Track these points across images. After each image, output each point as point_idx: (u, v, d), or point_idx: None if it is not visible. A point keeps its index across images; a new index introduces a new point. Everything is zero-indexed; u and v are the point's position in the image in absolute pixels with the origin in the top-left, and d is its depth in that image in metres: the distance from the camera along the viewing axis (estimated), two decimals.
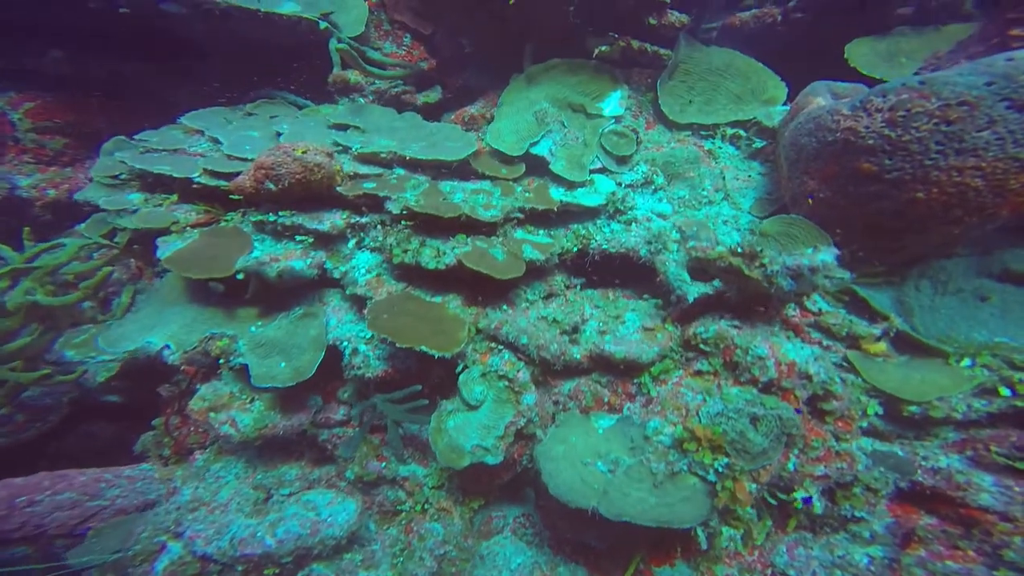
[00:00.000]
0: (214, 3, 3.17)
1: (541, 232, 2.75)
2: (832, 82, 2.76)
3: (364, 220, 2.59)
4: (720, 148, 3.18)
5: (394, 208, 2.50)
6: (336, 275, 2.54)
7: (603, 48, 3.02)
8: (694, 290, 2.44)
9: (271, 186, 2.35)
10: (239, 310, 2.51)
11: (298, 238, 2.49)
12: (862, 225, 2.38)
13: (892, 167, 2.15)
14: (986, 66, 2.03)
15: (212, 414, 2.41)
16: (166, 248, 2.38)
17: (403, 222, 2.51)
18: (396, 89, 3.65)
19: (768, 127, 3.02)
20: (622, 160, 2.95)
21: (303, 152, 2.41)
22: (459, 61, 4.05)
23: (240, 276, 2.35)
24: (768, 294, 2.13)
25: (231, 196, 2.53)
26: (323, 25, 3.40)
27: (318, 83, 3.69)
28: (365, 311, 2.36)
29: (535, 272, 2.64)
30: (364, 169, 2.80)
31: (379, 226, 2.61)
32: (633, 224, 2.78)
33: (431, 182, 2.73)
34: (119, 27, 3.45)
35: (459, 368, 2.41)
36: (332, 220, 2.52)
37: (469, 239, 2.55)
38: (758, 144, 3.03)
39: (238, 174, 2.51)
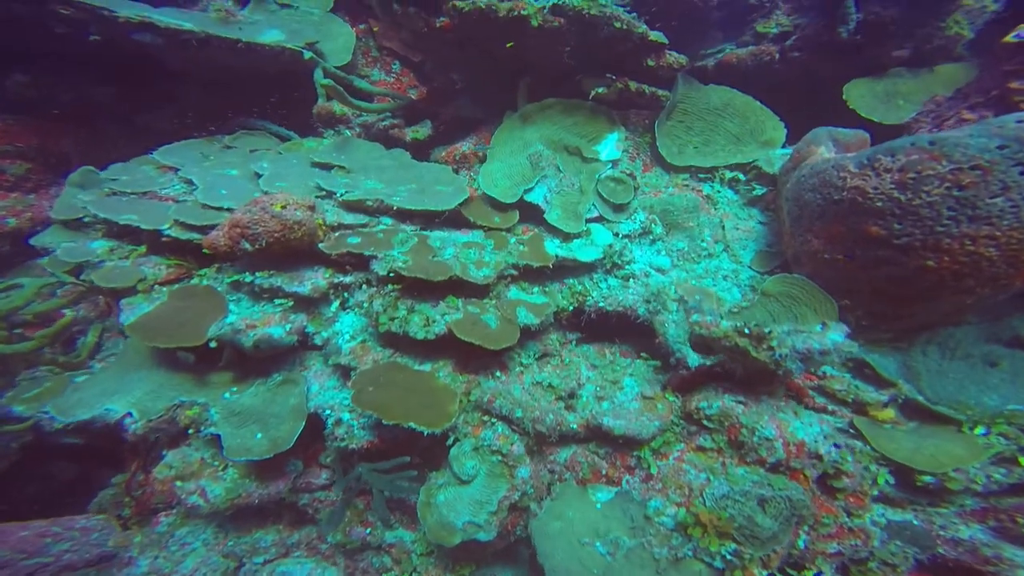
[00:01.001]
0: (192, 33, 2.97)
1: (536, 290, 2.62)
2: (833, 128, 2.69)
3: (348, 280, 2.43)
4: (719, 192, 3.09)
5: (380, 269, 2.35)
6: (318, 341, 2.38)
7: (600, 90, 2.90)
8: (696, 355, 2.33)
9: (247, 246, 2.18)
10: (212, 375, 2.33)
11: (277, 301, 2.32)
12: (869, 290, 2.30)
13: (901, 232, 2.07)
14: (997, 128, 1.95)
15: (179, 483, 2.23)
16: (131, 312, 2.19)
17: (390, 285, 2.36)
18: (384, 123, 3.49)
19: (768, 173, 2.93)
20: (619, 208, 2.84)
21: (282, 207, 2.24)
22: (451, 89, 3.90)
23: (213, 344, 2.17)
24: (774, 373, 2.03)
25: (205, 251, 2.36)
26: (307, 55, 3.22)
27: (304, 112, 3.51)
28: (349, 383, 2.21)
29: (530, 333, 2.51)
30: (349, 218, 2.63)
31: (364, 285, 2.45)
32: (631, 280, 2.67)
33: (420, 235, 2.57)
34: (90, 51, 3.24)
35: (450, 440, 2.26)
36: (314, 281, 2.36)
37: (460, 302, 2.41)
38: (758, 191, 2.94)
39: (212, 227, 2.33)
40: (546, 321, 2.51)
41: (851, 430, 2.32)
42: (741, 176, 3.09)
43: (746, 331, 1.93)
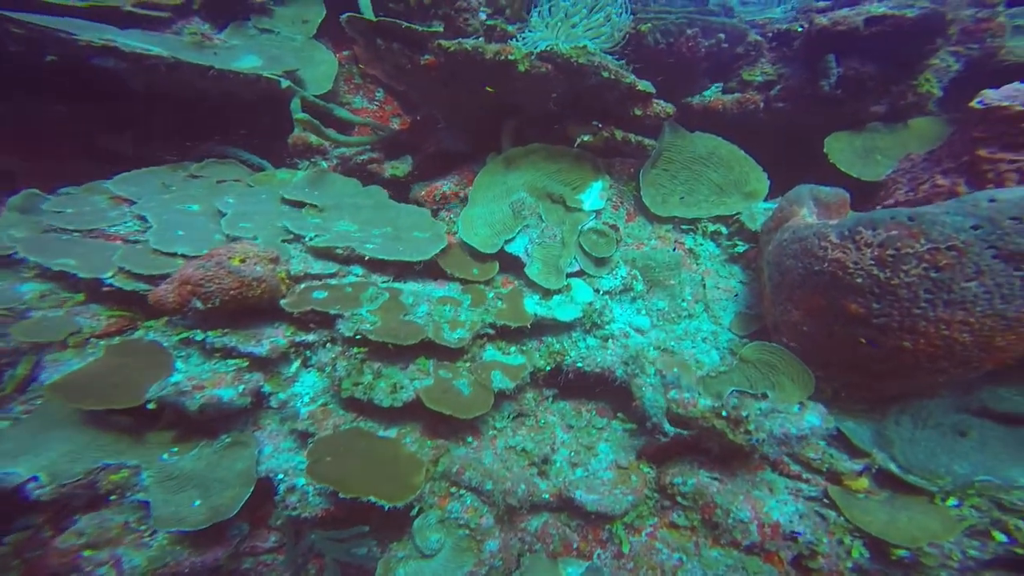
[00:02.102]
0: (160, 58, 2.80)
1: (513, 349, 2.52)
2: (815, 187, 2.67)
3: (311, 338, 2.29)
4: (701, 246, 3.06)
5: (346, 330, 2.22)
6: (274, 403, 2.23)
7: (586, 138, 2.84)
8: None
9: (198, 304, 2.03)
10: (150, 435, 2.14)
11: (231, 361, 2.16)
12: (846, 364, 2.28)
13: (880, 312, 2.05)
14: (971, 206, 1.94)
15: (87, 552, 1.93)
16: (56, 370, 1.99)
17: (356, 348, 2.23)
18: (363, 156, 3.36)
19: (750, 230, 2.91)
20: (601, 262, 2.77)
21: (240, 261, 2.10)
22: (434, 121, 3.80)
23: (151, 406, 2.00)
24: (750, 453, 1.98)
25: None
26: (285, 84, 3.08)
27: (281, 138, 3.36)
28: (306, 451, 2.07)
29: (505, 394, 2.41)
30: (317, 266, 2.50)
31: (329, 344, 2.32)
32: (610, 341, 2.60)
33: (392, 289, 2.46)
34: (46, 69, 3.03)
35: (415, 511, 2.15)
36: (273, 340, 2.21)
37: (432, 364, 2.30)
38: (740, 248, 2.91)
39: (163, 277, 2.17)
40: (522, 383, 2.42)
41: (825, 499, 2.29)
42: (723, 229, 3.06)
43: (723, 414, 1.88)
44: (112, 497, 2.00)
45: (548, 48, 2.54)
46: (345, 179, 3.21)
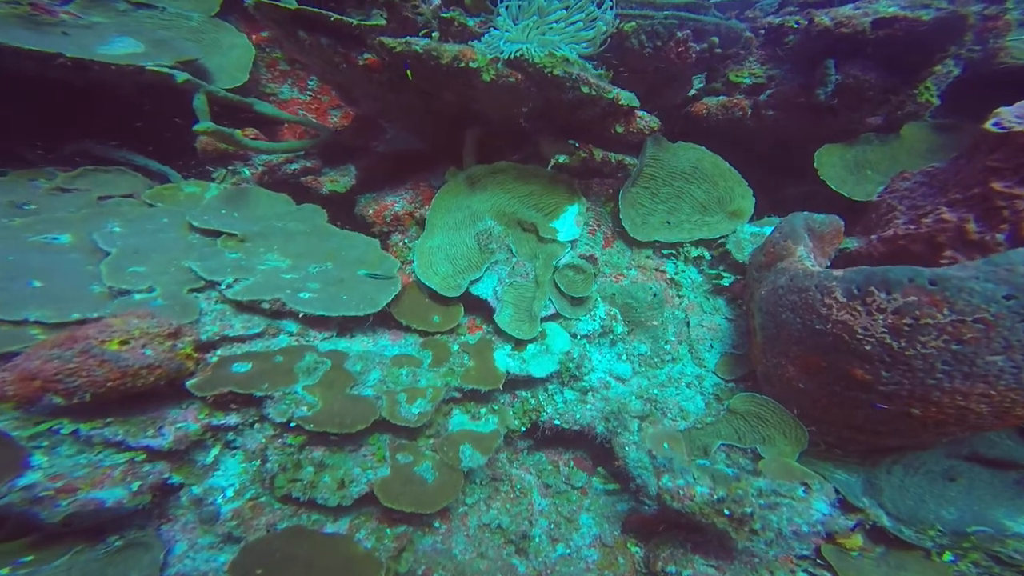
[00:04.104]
0: None
1: (483, 411, 2.20)
2: (809, 216, 2.46)
3: (234, 420, 1.85)
4: (682, 273, 2.81)
5: (277, 416, 1.80)
6: (185, 500, 1.80)
7: (561, 159, 2.44)
8: (654, 483, 2.08)
9: (58, 401, 1.53)
10: None
11: (120, 456, 1.69)
12: (843, 423, 2.15)
13: (889, 380, 1.88)
14: (1006, 271, 1.73)
15: None
16: None
17: (292, 437, 1.82)
18: (294, 166, 2.78)
19: (737, 261, 2.68)
20: (578, 301, 2.46)
21: (122, 344, 1.60)
22: (382, 113, 3.22)
23: None
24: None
25: None
26: (182, 78, 2.41)
27: (188, 134, 2.70)
28: (228, 564, 1.69)
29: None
30: (237, 324, 2.01)
31: (257, 424, 1.89)
32: (589, 394, 2.34)
33: (334, 354, 2.03)
34: None
35: None
36: (180, 426, 1.76)
37: (387, 444, 1.94)
38: (726, 280, 2.69)
39: (8, 357, 1.62)
40: (496, 450, 2.12)
41: (819, 560, 2.21)
42: (706, 254, 2.82)
43: (725, 512, 1.67)
44: None
45: (518, 54, 2.07)
46: (273, 195, 2.64)
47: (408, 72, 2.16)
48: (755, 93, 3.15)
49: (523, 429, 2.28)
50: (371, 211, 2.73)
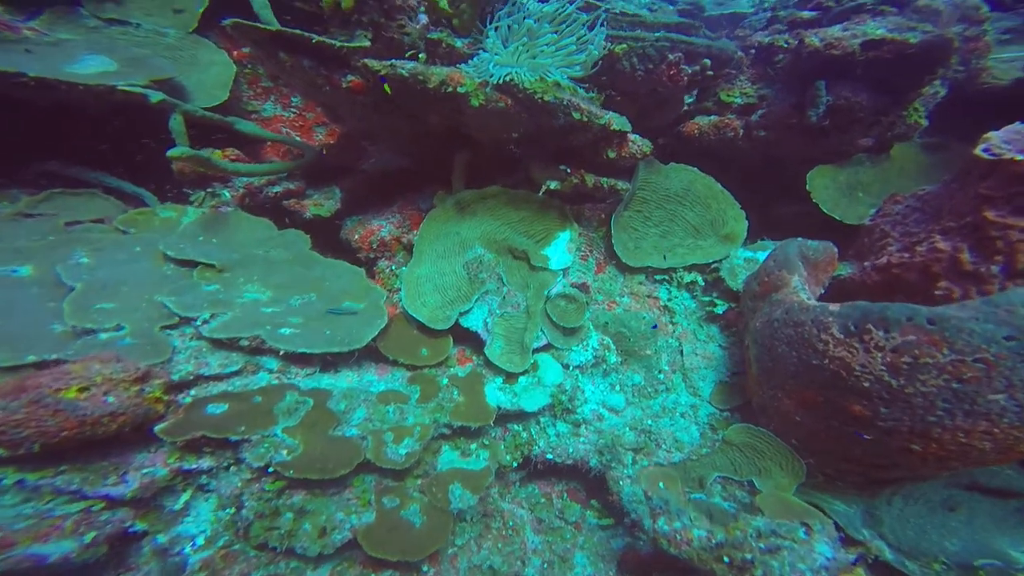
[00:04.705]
0: None
1: (473, 446, 2.13)
2: (803, 243, 2.43)
3: (207, 464, 1.75)
4: (675, 299, 2.76)
5: (254, 461, 1.71)
6: (148, 550, 1.69)
7: (552, 185, 2.38)
8: (650, 524, 2.02)
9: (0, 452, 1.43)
10: None
11: (74, 505, 1.58)
12: (841, 456, 2.11)
13: (888, 416, 1.85)
14: (1006, 312, 1.71)
15: None
16: None
17: (268, 485, 1.73)
18: (277, 188, 2.68)
19: (731, 288, 2.64)
20: (570, 331, 2.40)
21: (80, 391, 1.49)
22: (368, 132, 3.14)
23: None
24: None
25: None
26: (156, 98, 2.30)
27: (163, 155, 2.58)
28: None
29: None
30: (213, 362, 1.91)
31: (232, 467, 1.79)
32: (582, 426, 2.28)
33: (317, 392, 1.94)
34: None
35: None
36: (147, 472, 1.65)
37: (372, 487, 1.86)
38: (720, 308, 2.65)
39: None
40: (487, 487, 2.05)
41: None
42: (700, 280, 2.78)
43: (725, 559, 1.62)
44: None
45: (508, 78, 2.01)
46: (254, 220, 2.54)
47: (386, 87, 2.07)
48: (746, 113, 3.12)
49: (515, 464, 2.21)
50: (357, 236, 2.64)
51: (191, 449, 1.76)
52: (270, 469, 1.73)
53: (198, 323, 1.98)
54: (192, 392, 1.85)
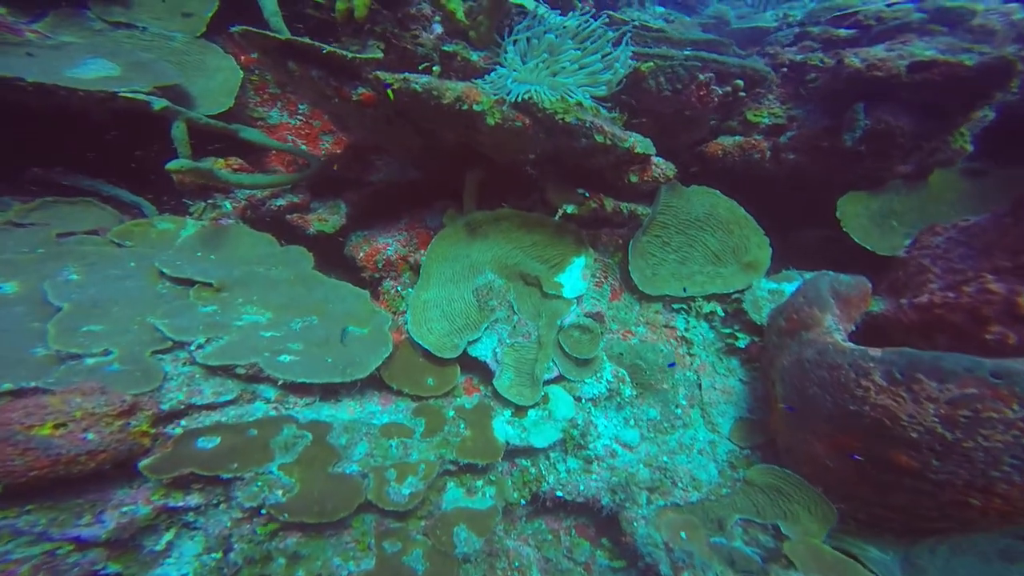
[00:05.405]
0: None
1: (479, 483, 2.01)
2: (835, 278, 2.29)
3: (195, 501, 1.64)
4: (694, 329, 2.63)
5: (247, 500, 1.59)
6: None
7: (569, 209, 2.26)
8: (666, 565, 1.90)
9: None
10: None
11: (35, 548, 1.47)
12: (878, 503, 1.97)
13: (941, 469, 1.71)
14: None
15: None
16: None
17: (260, 528, 1.61)
18: (280, 201, 2.58)
19: (754, 322, 2.50)
20: (583, 363, 2.27)
21: (56, 428, 1.38)
22: (377, 144, 3.03)
23: None
24: None
25: None
26: (159, 106, 2.20)
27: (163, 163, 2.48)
28: None
29: None
30: (207, 390, 1.80)
31: (222, 504, 1.68)
32: (594, 463, 2.15)
33: (316, 425, 1.82)
34: None
35: None
36: (126, 510, 1.54)
37: (372, 529, 1.74)
38: (741, 342, 2.51)
39: None
40: (493, 529, 1.93)
41: None
42: (719, 310, 2.64)
43: None
44: None
45: (526, 97, 1.89)
46: (256, 235, 2.43)
47: (389, 92, 1.95)
48: (774, 134, 2.98)
49: (523, 503, 2.09)
50: (362, 253, 2.52)
51: (178, 485, 1.64)
52: (263, 511, 1.61)
53: (192, 348, 1.86)
54: (183, 422, 1.74)
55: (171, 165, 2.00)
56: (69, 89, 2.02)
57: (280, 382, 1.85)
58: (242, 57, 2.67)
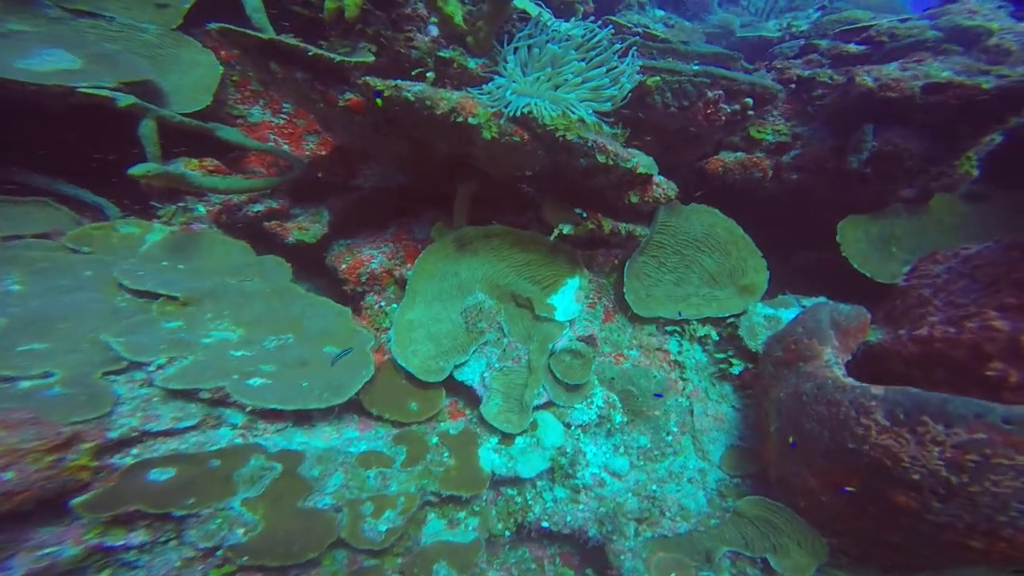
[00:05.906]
0: None
1: (462, 515, 1.90)
2: (835, 308, 2.24)
3: (138, 539, 1.49)
4: (687, 351, 2.56)
5: (202, 540, 1.46)
6: None
7: (566, 230, 2.15)
8: None
9: None
10: None
11: None
12: (875, 541, 1.92)
13: (943, 512, 1.66)
14: None
15: None
16: None
17: (213, 572, 1.48)
18: (258, 207, 2.42)
19: (749, 349, 2.44)
20: (574, 388, 2.18)
21: None
22: (362, 152, 2.88)
23: None
24: None
25: None
26: (125, 102, 2.03)
27: (133, 160, 2.29)
28: None
29: None
30: (165, 415, 1.65)
31: (171, 542, 1.54)
32: (582, 492, 2.06)
33: (287, 455, 1.69)
34: None
35: None
36: (44, 555, 1.38)
37: (344, 566, 1.62)
38: (736, 368, 2.45)
39: None
40: (476, 564, 1.82)
41: None
42: (713, 334, 2.58)
43: None
44: None
45: (526, 110, 1.78)
46: (229, 243, 2.27)
47: (378, 100, 1.82)
48: (778, 152, 2.92)
49: (507, 534, 1.99)
50: (344, 265, 2.38)
51: (120, 522, 1.49)
52: (218, 552, 1.48)
53: (151, 368, 1.71)
54: (133, 451, 1.59)
55: (135, 170, 1.83)
56: (18, 83, 1.83)
57: (249, 408, 1.71)
58: (222, 51, 2.49)
